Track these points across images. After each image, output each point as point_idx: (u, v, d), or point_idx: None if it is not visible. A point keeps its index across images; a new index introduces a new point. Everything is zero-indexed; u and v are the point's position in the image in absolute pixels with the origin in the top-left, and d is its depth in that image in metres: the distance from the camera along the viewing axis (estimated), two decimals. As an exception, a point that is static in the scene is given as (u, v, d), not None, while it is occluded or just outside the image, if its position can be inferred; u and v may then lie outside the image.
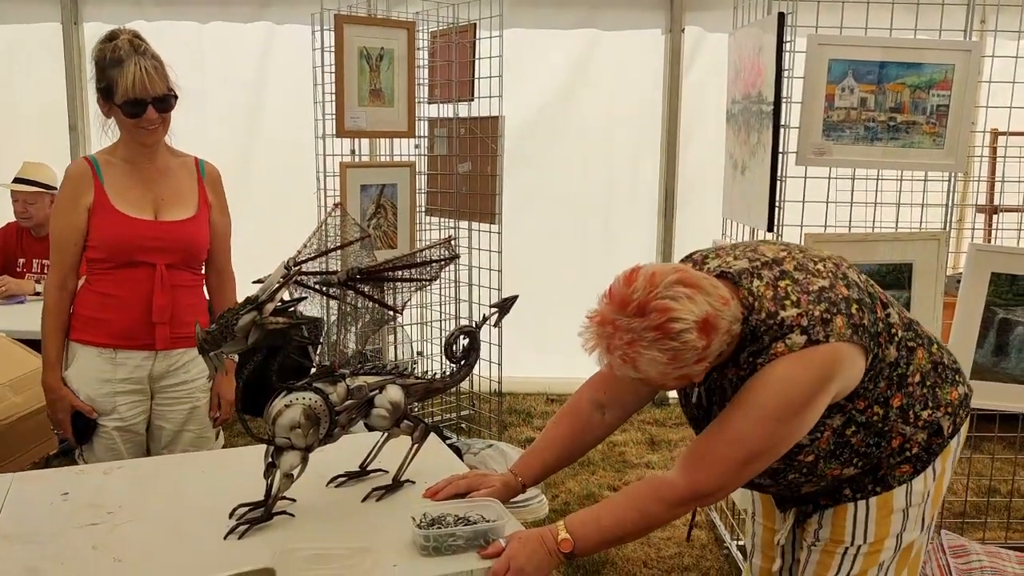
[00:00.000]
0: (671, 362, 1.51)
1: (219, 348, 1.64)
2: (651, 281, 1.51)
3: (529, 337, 4.79)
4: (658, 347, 1.50)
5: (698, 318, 1.50)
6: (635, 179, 5.35)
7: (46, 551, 1.65)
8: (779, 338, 1.58)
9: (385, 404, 1.84)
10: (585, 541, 1.66)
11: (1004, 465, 4.03)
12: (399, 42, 3.99)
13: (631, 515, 1.67)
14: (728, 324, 1.55)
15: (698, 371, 1.57)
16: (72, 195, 2.38)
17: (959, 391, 1.79)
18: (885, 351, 1.67)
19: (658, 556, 3.44)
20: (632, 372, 1.55)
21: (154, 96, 2.31)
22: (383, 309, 1.86)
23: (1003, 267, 3.07)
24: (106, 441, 2.43)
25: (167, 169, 2.46)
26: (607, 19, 5.19)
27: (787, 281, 1.64)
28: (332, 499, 1.88)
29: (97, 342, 2.41)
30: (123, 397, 2.42)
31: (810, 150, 2.89)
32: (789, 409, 1.58)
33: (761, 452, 1.61)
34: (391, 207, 4.14)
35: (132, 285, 2.39)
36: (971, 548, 2.97)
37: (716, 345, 1.54)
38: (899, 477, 1.75)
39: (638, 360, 1.52)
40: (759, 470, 1.64)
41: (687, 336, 1.49)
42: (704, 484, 1.64)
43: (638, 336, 1.50)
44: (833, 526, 1.80)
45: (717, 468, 1.63)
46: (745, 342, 1.62)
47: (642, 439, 4.70)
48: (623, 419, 1.94)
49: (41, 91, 5.26)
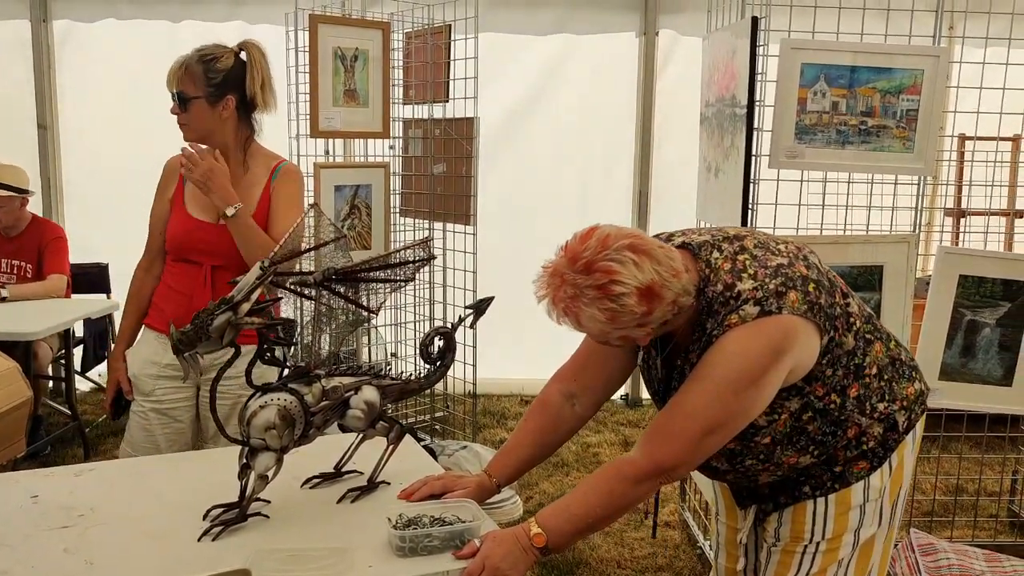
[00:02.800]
0: (610, 321, 1.56)
1: (194, 348, 1.63)
2: (603, 243, 1.56)
3: (503, 338, 4.79)
4: (598, 305, 1.55)
5: (640, 284, 1.54)
6: (609, 181, 5.38)
7: (16, 554, 1.63)
8: (733, 310, 1.61)
9: (360, 405, 1.83)
10: (557, 533, 1.67)
11: (971, 465, 4.09)
12: (374, 43, 3.99)
13: (598, 498, 1.68)
14: (674, 295, 1.58)
15: (640, 335, 1.62)
16: (163, 185, 2.57)
17: (915, 387, 1.83)
18: (843, 337, 1.70)
19: (632, 556, 3.46)
20: (574, 325, 1.61)
21: (172, 92, 2.43)
22: (359, 310, 1.85)
23: (971, 269, 3.12)
24: (141, 420, 2.53)
25: (249, 173, 2.52)
26: (582, 21, 5.22)
27: (746, 256, 1.68)
28: (307, 500, 1.87)
29: (156, 326, 2.54)
30: (164, 382, 2.51)
31: (783, 153, 2.92)
32: (744, 380, 1.60)
33: (719, 425, 1.63)
34: (365, 208, 4.13)
35: (184, 280, 2.51)
36: (939, 546, 3.02)
37: (659, 313, 1.58)
38: (857, 474, 1.77)
39: (579, 314, 1.57)
40: (718, 444, 1.66)
41: (626, 300, 1.54)
42: (664, 458, 1.66)
43: (581, 292, 1.56)
44: (793, 523, 1.81)
45: (676, 442, 1.65)
46: (701, 315, 1.65)
47: (616, 440, 4.72)
48: (594, 408, 1.95)
49: (10, 90, 5.19)
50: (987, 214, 3.38)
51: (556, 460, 4.40)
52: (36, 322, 3.77)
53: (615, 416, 5.06)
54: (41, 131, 5.22)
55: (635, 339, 1.64)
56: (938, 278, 3.13)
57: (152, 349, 2.54)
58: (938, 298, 3.14)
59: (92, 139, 5.28)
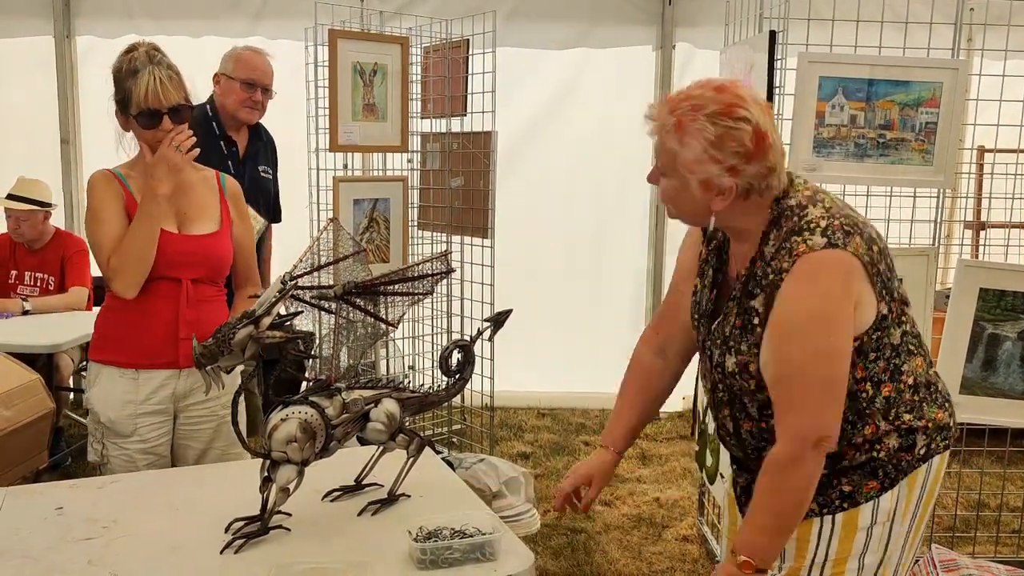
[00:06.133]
0: (714, 145, 1.60)
1: (215, 362, 1.65)
2: (745, 91, 1.65)
3: (520, 351, 4.80)
4: (713, 120, 1.59)
5: (760, 125, 1.60)
6: (626, 195, 5.38)
7: (40, 567, 1.64)
8: (800, 231, 1.63)
9: (381, 418, 1.84)
10: (759, 549, 1.68)
11: (993, 479, 4.05)
12: (393, 57, 4.01)
13: (773, 500, 1.67)
14: (773, 163, 1.63)
15: (725, 185, 1.62)
16: (107, 203, 2.33)
17: (944, 416, 1.79)
18: (893, 326, 1.70)
19: (650, 570, 3.45)
20: (673, 142, 1.63)
21: (169, 106, 2.29)
22: (378, 323, 1.87)
23: (991, 283, 3.10)
24: (126, 464, 2.37)
25: (188, 183, 2.41)
26: (599, 35, 5.24)
27: (827, 195, 1.72)
28: (328, 513, 1.88)
29: (119, 362, 2.36)
30: (145, 419, 2.36)
31: (801, 166, 2.92)
32: (827, 318, 1.61)
33: (830, 369, 1.62)
34: (384, 221, 4.15)
35: (157, 301, 2.34)
36: (961, 562, 2.99)
37: (754, 169, 1.62)
38: (867, 494, 1.73)
39: (688, 129, 1.61)
40: (840, 392, 1.64)
41: (743, 127, 1.59)
42: (806, 427, 1.63)
43: (705, 105, 1.61)
44: (797, 541, 1.76)
45: (806, 408, 1.64)
46: (769, 224, 1.68)
47: (633, 454, 4.71)
48: (682, 358, 2.01)
49: (33, 105, 5.25)
50: (1007, 227, 3.36)
51: (573, 473, 4.39)
52: (58, 334, 3.80)
53: (632, 429, 5.05)
54: (64, 146, 5.28)
55: (710, 197, 1.64)
56: (958, 291, 3.11)
57: (121, 388, 2.35)
58: (958, 311, 3.12)
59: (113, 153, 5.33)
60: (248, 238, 2.57)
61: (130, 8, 5.14)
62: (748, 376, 1.72)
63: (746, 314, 1.71)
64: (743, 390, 1.76)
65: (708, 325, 1.82)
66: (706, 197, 1.65)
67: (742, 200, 1.66)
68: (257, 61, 3.58)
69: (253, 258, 2.60)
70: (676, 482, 4.33)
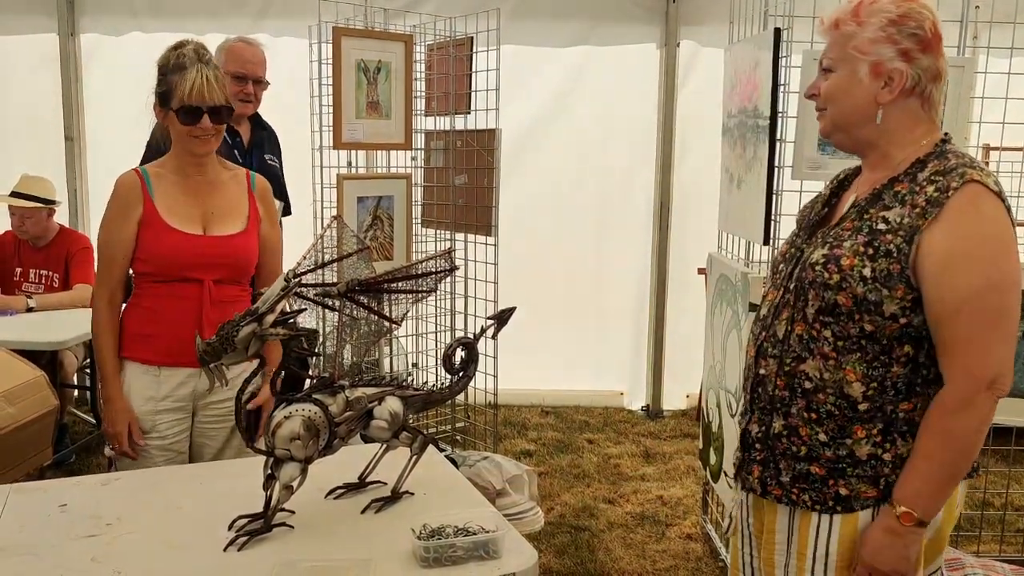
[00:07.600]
0: (892, 23, 1.61)
1: (219, 359, 1.65)
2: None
3: (524, 349, 4.79)
4: (893, 16, 1.61)
5: (938, 26, 1.62)
6: (630, 192, 5.37)
7: (44, 563, 1.64)
8: (974, 166, 1.59)
9: (384, 415, 1.84)
10: (920, 496, 1.57)
11: (998, 479, 4.04)
12: (396, 55, 4.01)
13: (938, 444, 1.57)
14: (941, 69, 1.64)
15: (897, 69, 1.61)
16: (122, 208, 2.37)
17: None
18: None
19: (653, 568, 3.44)
20: (851, 25, 1.64)
21: (211, 105, 2.32)
22: (382, 321, 1.86)
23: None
24: (143, 460, 2.39)
25: (218, 182, 2.44)
26: (603, 33, 5.22)
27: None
28: (331, 511, 1.88)
29: (142, 359, 2.38)
30: (165, 415, 2.39)
31: (805, 164, 2.91)
32: (999, 239, 1.56)
33: (1002, 300, 1.53)
34: (387, 219, 4.15)
35: (180, 301, 2.36)
36: (966, 561, 2.98)
37: (924, 63, 1.61)
38: (863, 501, 1.64)
39: (867, 8, 1.62)
40: (1015, 328, 1.55)
41: (924, 11, 1.61)
42: (976, 367, 1.54)
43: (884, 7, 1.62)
44: (799, 531, 1.69)
45: (976, 343, 1.53)
46: (929, 157, 1.64)
47: (637, 451, 4.70)
48: None
49: (37, 102, 5.26)
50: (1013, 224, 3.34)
51: (577, 472, 4.40)
52: (62, 331, 3.81)
53: (636, 428, 5.04)
54: (68, 143, 5.28)
55: (884, 84, 1.63)
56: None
57: (143, 384, 2.38)
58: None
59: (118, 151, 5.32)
60: (275, 239, 2.56)
61: (134, 6, 5.13)
62: (835, 269, 1.62)
63: (867, 220, 1.64)
64: (814, 283, 1.65)
65: (809, 232, 1.78)
66: (875, 86, 1.64)
67: (904, 99, 1.64)
68: (247, 53, 3.47)
69: (279, 258, 2.58)
70: (680, 480, 4.33)
